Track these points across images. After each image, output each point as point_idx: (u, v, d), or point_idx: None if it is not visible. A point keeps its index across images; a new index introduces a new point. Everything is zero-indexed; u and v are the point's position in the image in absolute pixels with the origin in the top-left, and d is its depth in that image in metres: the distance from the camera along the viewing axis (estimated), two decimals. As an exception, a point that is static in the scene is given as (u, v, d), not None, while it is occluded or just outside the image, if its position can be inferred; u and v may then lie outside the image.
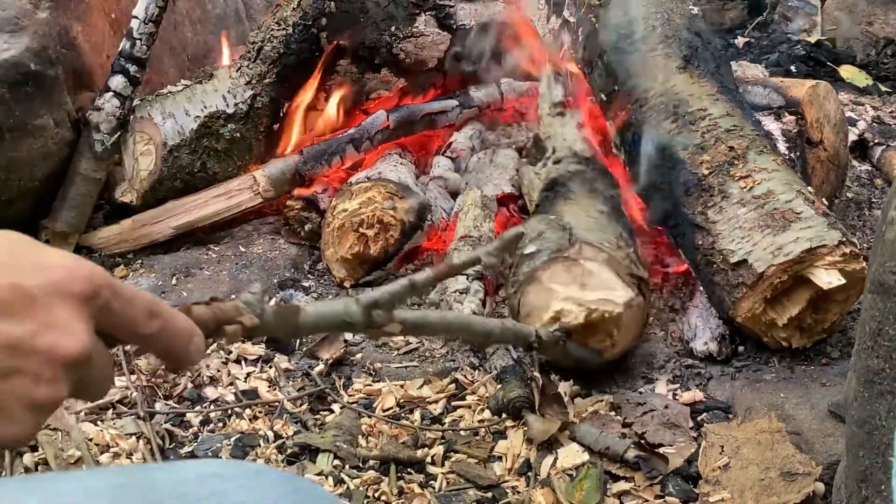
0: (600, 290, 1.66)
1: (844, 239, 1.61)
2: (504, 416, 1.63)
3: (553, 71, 2.43)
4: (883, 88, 3.08)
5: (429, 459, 1.55)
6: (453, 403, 1.70)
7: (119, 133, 2.21)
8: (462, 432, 1.61)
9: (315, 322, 0.69)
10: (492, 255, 0.78)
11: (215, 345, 1.85)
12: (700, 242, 1.74)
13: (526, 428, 1.58)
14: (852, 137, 2.46)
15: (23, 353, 0.50)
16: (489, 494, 1.47)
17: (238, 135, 2.36)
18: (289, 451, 1.56)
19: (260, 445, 1.57)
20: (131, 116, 2.25)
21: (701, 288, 1.82)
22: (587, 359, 1.12)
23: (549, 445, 1.55)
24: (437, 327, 0.74)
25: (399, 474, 1.51)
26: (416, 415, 1.66)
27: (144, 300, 0.59)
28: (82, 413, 1.62)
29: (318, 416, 1.67)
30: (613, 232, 1.82)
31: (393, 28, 2.50)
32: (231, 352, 1.84)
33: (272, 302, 2.02)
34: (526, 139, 2.56)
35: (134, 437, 1.57)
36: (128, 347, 1.80)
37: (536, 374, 1.69)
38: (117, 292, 0.56)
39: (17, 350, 0.50)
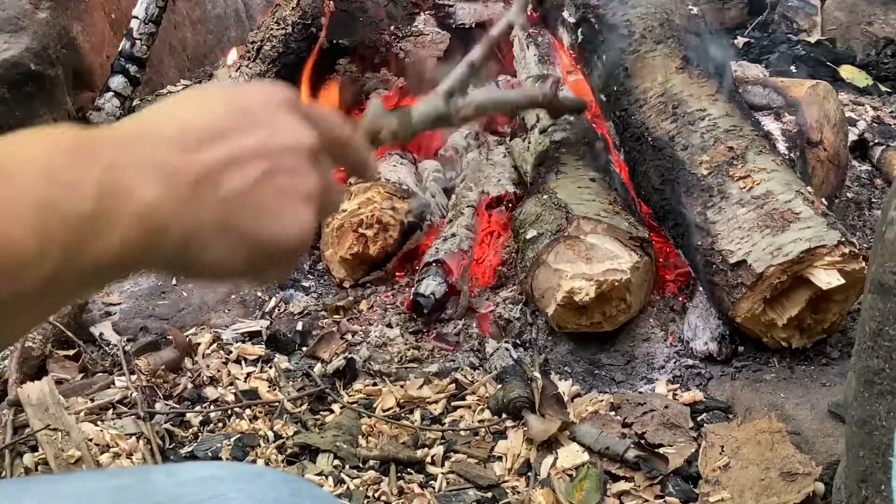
0: (605, 260, 1.75)
1: (844, 239, 1.61)
2: (504, 416, 1.63)
3: (524, 34, 2.45)
4: (883, 88, 3.07)
5: (429, 459, 1.55)
6: (453, 403, 1.70)
7: (119, 133, 2.21)
8: (462, 432, 1.61)
9: (422, 119, 0.78)
10: (519, 14, 0.89)
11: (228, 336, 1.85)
12: (699, 243, 1.74)
13: (526, 428, 1.58)
14: (852, 137, 2.46)
15: (269, 155, 0.54)
16: (489, 494, 1.47)
17: (238, 134, 2.36)
18: (289, 451, 1.56)
19: (260, 445, 1.57)
20: (131, 116, 2.25)
21: (701, 288, 1.82)
22: (576, 104, 1.27)
23: (549, 445, 1.55)
24: (489, 105, 0.89)
25: (399, 474, 1.51)
26: (416, 415, 1.66)
27: (332, 111, 0.64)
28: (82, 413, 1.62)
29: (318, 416, 1.67)
30: (607, 197, 1.90)
31: (392, 27, 2.50)
32: (231, 352, 1.84)
33: (272, 302, 2.02)
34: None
35: (134, 437, 1.57)
36: (127, 347, 1.80)
37: (536, 374, 1.70)
38: (311, 104, 0.62)
39: (263, 154, 0.54)
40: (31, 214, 0.45)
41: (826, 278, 1.59)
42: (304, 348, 1.86)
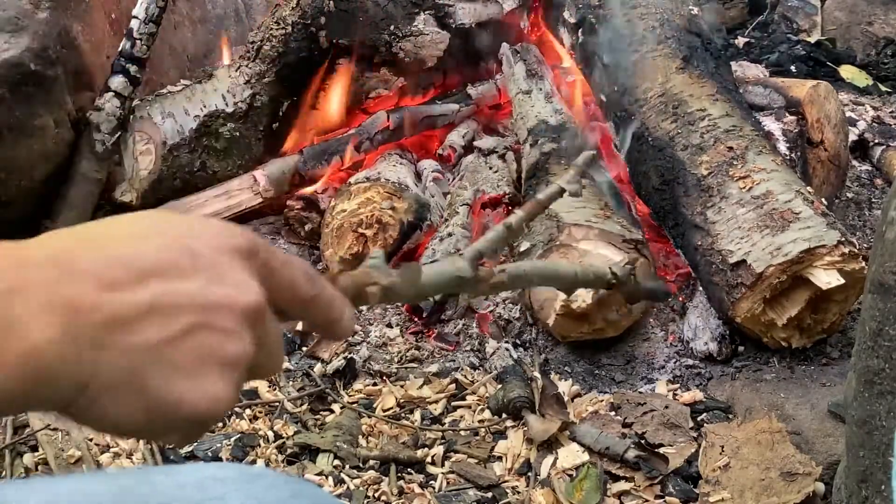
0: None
1: (843, 239, 1.61)
2: (504, 416, 1.63)
3: (510, 48, 2.47)
4: (883, 88, 3.07)
5: (429, 459, 1.55)
6: (453, 403, 1.70)
7: (119, 133, 2.21)
8: (462, 432, 1.61)
9: (434, 282, 0.67)
10: (572, 182, 0.79)
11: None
12: (699, 243, 1.74)
13: (526, 428, 1.58)
14: (852, 137, 2.46)
15: (201, 309, 0.47)
16: (489, 494, 1.47)
17: (237, 134, 2.36)
18: (289, 451, 1.56)
19: (260, 445, 1.57)
20: (131, 116, 2.25)
21: (701, 288, 1.82)
22: (657, 291, 1.12)
23: (549, 445, 1.55)
24: (533, 277, 0.75)
25: (399, 474, 1.51)
26: (416, 415, 1.66)
27: (300, 263, 0.56)
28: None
29: (318, 416, 1.67)
30: (598, 203, 1.88)
31: (392, 27, 2.50)
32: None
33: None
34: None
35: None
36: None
37: (536, 374, 1.70)
38: (273, 252, 0.54)
39: (194, 306, 0.47)
40: None
41: (826, 278, 1.59)
42: (304, 348, 1.86)
